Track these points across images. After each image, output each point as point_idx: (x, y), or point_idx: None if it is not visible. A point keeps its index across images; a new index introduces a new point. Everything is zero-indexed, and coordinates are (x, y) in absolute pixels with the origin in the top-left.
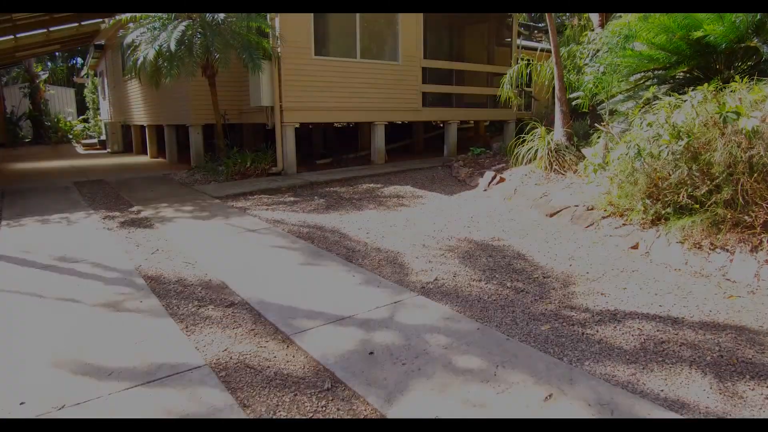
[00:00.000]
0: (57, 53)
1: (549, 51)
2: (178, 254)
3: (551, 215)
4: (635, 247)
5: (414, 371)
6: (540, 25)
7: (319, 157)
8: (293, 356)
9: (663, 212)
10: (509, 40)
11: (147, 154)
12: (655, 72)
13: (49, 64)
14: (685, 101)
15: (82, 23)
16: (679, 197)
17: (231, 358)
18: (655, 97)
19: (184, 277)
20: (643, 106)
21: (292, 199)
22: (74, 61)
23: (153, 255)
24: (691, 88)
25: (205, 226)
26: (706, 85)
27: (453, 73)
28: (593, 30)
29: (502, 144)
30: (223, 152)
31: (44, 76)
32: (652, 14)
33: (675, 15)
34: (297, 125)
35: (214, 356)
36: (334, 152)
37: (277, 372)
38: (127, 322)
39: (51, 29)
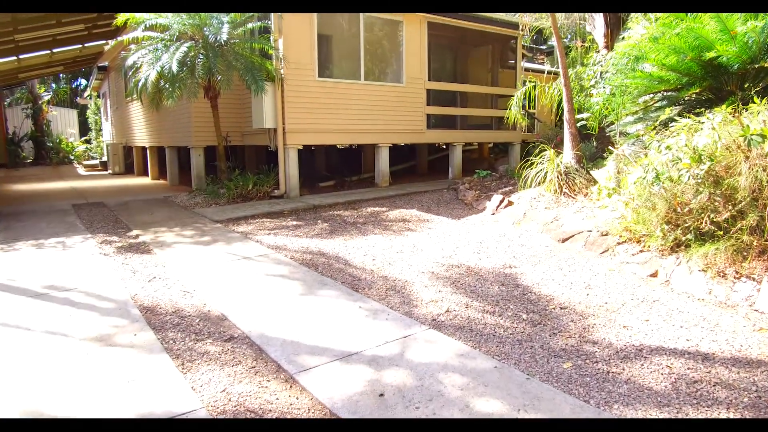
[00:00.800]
0: (61, 74)
1: (551, 73)
2: (175, 282)
3: (563, 240)
4: (654, 275)
5: (429, 416)
6: (542, 47)
7: (322, 180)
8: (297, 398)
9: (683, 239)
10: (513, 62)
11: (148, 175)
12: (665, 93)
13: (53, 85)
14: (703, 123)
15: (85, 45)
16: (701, 223)
17: (230, 400)
18: (671, 120)
19: (182, 307)
20: (655, 128)
21: (294, 223)
22: (78, 83)
23: (150, 283)
24: (703, 109)
25: (205, 252)
26: (723, 106)
27: (458, 95)
28: (598, 51)
29: (508, 167)
30: (225, 175)
31: (47, 97)
32: (662, 35)
33: (685, 36)
34: (300, 147)
35: (212, 398)
36: (338, 174)
37: (280, 416)
38: (119, 359)
39: (54, 51)
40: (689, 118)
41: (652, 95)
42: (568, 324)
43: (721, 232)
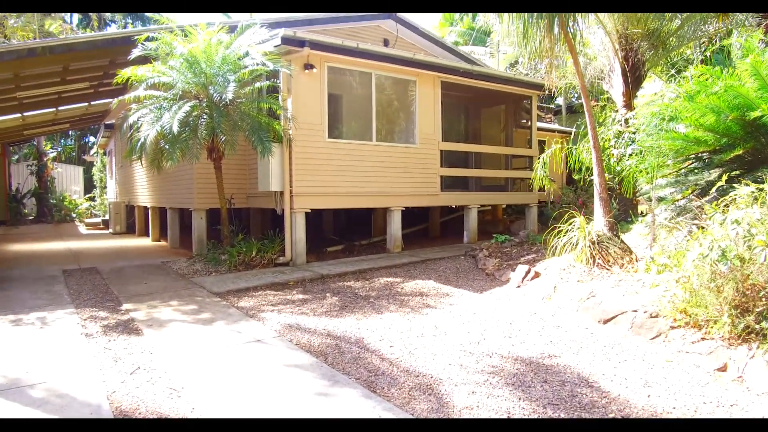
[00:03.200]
0: (70, 132)
1: (560, 132)
2: (162, 375)
3: (605, 322)
4: (723, 368)
5: None
6: (551, 105)
7: (330, 244)
8: None
9: (756, 326)
10: (525, 121)
11: (149, 236)
12: (700, 155)
13: (62, 141)
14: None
15: (92, 103)
16: None
17: None
18: (730, 187)
19: (165, 413)
20: (694, 191)
21: (301, 296)
22: (86, 140)
23: (132, 376)
24: (740, 171)
25: (200, 333)
26: None
27: (472, 156)
28: (617, 111)
29: (529, 232)
30: (228, 240)
31: (52, 154)
32: (698, 94)
33: (724, 95)
34: (308, 211)
35: None
36: (346, 237)
37: None
38: None
39: (59, 108)
40: (746, 184)
41: (684, 157)
42: None
43: None
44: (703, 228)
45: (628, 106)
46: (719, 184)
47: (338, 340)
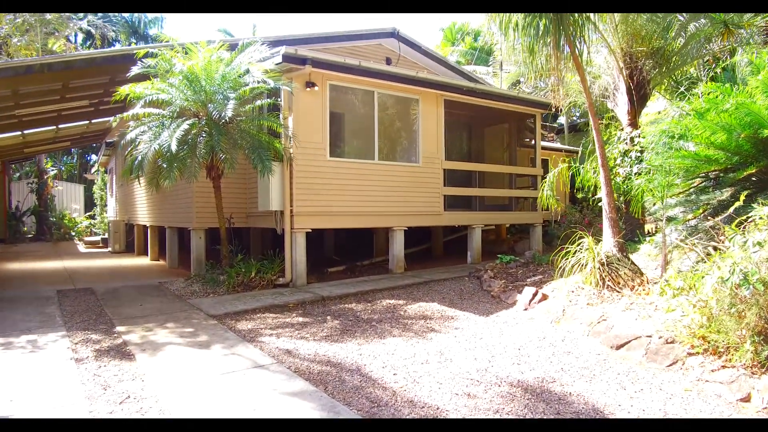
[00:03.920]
0: (72, 149)
1: (564, 151)
2: (153, 405)
3: (617, 347)
4: (746, 399)
5: None
6: (554, 125)
7: (331, 264)
8: None
9: None
10: (528, 140)
11: (148, 255)
12: (709, 174)
13: (64, 159)
14: None
15: (92, 121)
16: None
17: None
18: (747, 205)
19: None
20: (703, 212)
21: (301, 319)
22: (88, 158)
23: (121, 406)
24: (750, 191)
25: (195, 358)
26: None
27: (475, 175)
28: (622, 129)
29: (535, 252)
30: (227, 260)
31: (53, 172)
32: (708, 111)
33: (735, 112)
34: (309, 231)
35: None
36: (348, 257)
37: None
38: None
39: (60, 126)
40: (764, 204)
41: (694, 177)
42: None
43: None
44: (718, 250)
45: (633, 124)
46: (737, 204)
47: (339, 367)
